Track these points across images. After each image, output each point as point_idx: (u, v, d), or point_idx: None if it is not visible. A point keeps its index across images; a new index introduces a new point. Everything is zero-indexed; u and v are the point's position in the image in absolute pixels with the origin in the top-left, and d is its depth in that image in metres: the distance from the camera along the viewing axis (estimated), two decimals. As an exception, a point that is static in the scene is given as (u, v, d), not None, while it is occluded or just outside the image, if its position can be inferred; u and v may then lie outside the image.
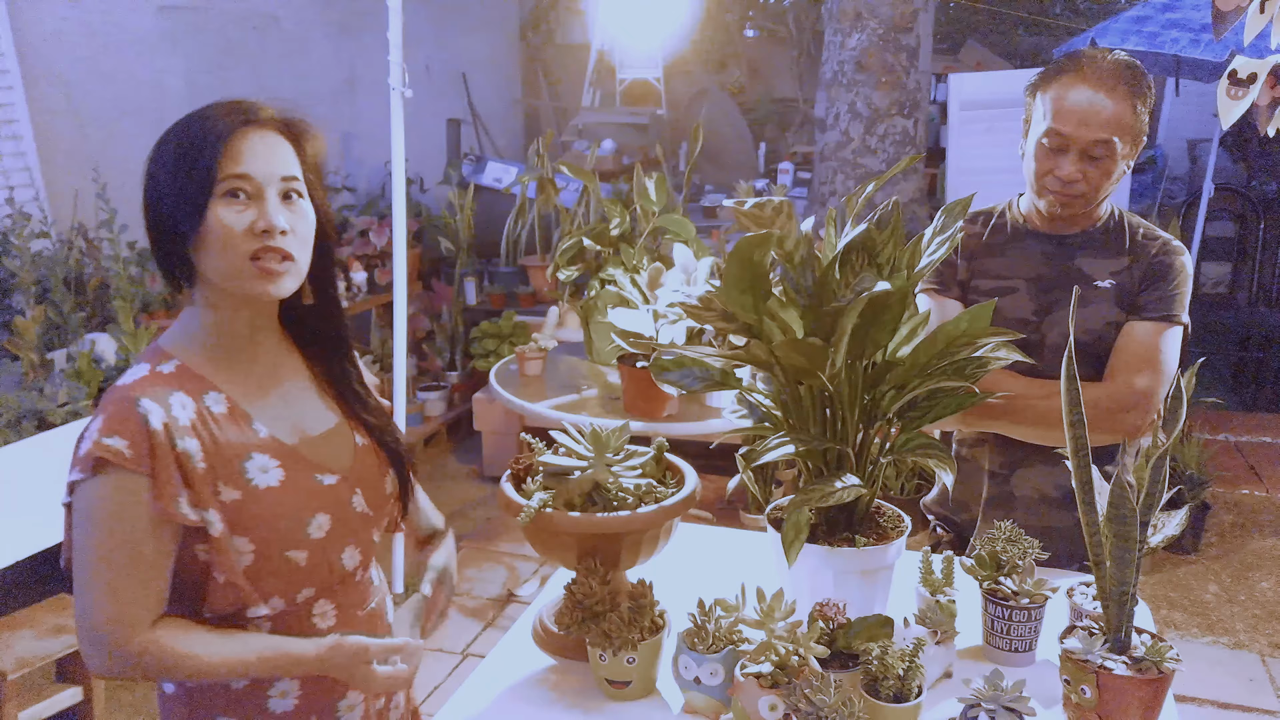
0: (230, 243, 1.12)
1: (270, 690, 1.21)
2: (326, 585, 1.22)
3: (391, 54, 2.87)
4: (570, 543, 1.36)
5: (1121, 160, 1.64)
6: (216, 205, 1.12)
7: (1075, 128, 1.61)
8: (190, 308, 1.20)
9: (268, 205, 1.13)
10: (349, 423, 1.29)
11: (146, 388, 1.12)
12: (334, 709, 1.26)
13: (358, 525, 1.25)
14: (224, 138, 1.12)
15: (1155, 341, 1.67)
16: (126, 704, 2.86)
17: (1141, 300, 1.69)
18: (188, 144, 1.13)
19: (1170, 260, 1.70)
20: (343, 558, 1.23)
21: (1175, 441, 1.18)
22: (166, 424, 1.10)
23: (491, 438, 4.57)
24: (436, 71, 6.42)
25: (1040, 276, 1.74)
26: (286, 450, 1.19)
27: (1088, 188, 1.65)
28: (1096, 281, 1.71)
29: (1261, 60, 1.92)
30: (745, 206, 1.26)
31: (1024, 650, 1.40)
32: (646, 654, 1.31)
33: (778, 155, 7.32)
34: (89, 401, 3.17)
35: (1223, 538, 3.94)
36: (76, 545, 1.11)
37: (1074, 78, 1.63)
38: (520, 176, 5.31)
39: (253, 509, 1.14)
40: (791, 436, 1.34)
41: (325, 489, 1.21)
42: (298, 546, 1.17)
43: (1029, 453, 1.76)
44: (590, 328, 3.02)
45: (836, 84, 4.77)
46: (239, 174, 1.12)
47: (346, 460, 1.25)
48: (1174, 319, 1.68)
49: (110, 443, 1.07)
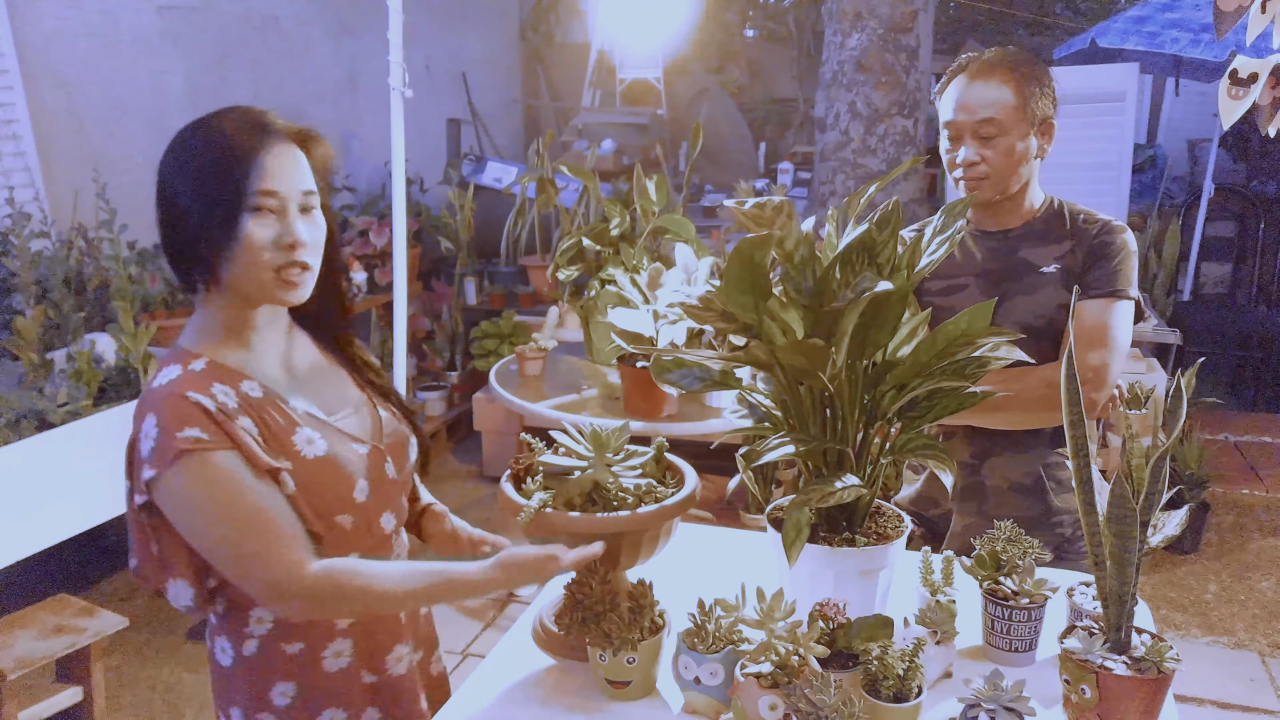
0: (257, 257, 1.18)
1: (324, 651, 1.28)
2: (368, 548, 1.29)
3: (391, 54, 2.87)
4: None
5: (1020, 141, 1.73)
6: (247, 219, 1.16)
7: (962, 115, 1.74)
8: (203, 308, 1.25)
9: (292, 220, 1.19)
10: (368, 397, 1.37)
11: (186, 384, 1.17)
12: (383, 663, 1.34)
13: (391, 491, 1.33)
14: (254, 154, 1.16)
15: (1104, 318, 1.72)
16: (126, 704, 2.86)
17: (1087, 279, 1.75)
18: (215, 159, 1.16)
19: (1111, 239, 1.76)
20: (381, 521, 1.32)
21: (1175, 441, 1.18)
22: (220, 407, 1.16)
23: (491, 438, 4.57)
24: (436, 71, 6.42)
25: (987, 271, 1.82)
26: (323, 424, 1.27)
27: (989, 168, 1.74)
28: (1042, 268, 1.79)
29: (1262, 60, 1.92)
30: (745, 206, 1.26)
31: (1024, 650, 1.40)
32: (646, 654, 1.31)
33: (778, 155, 7.32)
34: (89, 401, 3.17)
35: (1223, 538, 3.94)
36: (193, 531, 1.15)
37: (962, 76, 1.76)
38: (520, 176, 5.32)
39: (306, 477, 1.21)
40: (791, 436, 1.34)
41: (362, 457, 1.28)
42: (345, 510, 1.25)
43: (997, 442, 1.83)
44: (590, 328, 3.02)
45: (836, 84, 4.77)
46: (268, 190, 1.17)
47: (375, 431, 1.34)
48: (1120, 294, 1.74)
49: (185, 434, 1.13)
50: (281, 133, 1.20)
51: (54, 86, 4.12)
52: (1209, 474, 3.81)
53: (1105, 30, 5.13)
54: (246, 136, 1.17)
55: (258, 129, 1.18)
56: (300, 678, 1.28)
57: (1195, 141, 7.50)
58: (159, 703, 2.87)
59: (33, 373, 3.27)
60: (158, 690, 2.93)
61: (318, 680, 1.29)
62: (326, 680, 1.29)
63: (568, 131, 6.91)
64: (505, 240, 5.36)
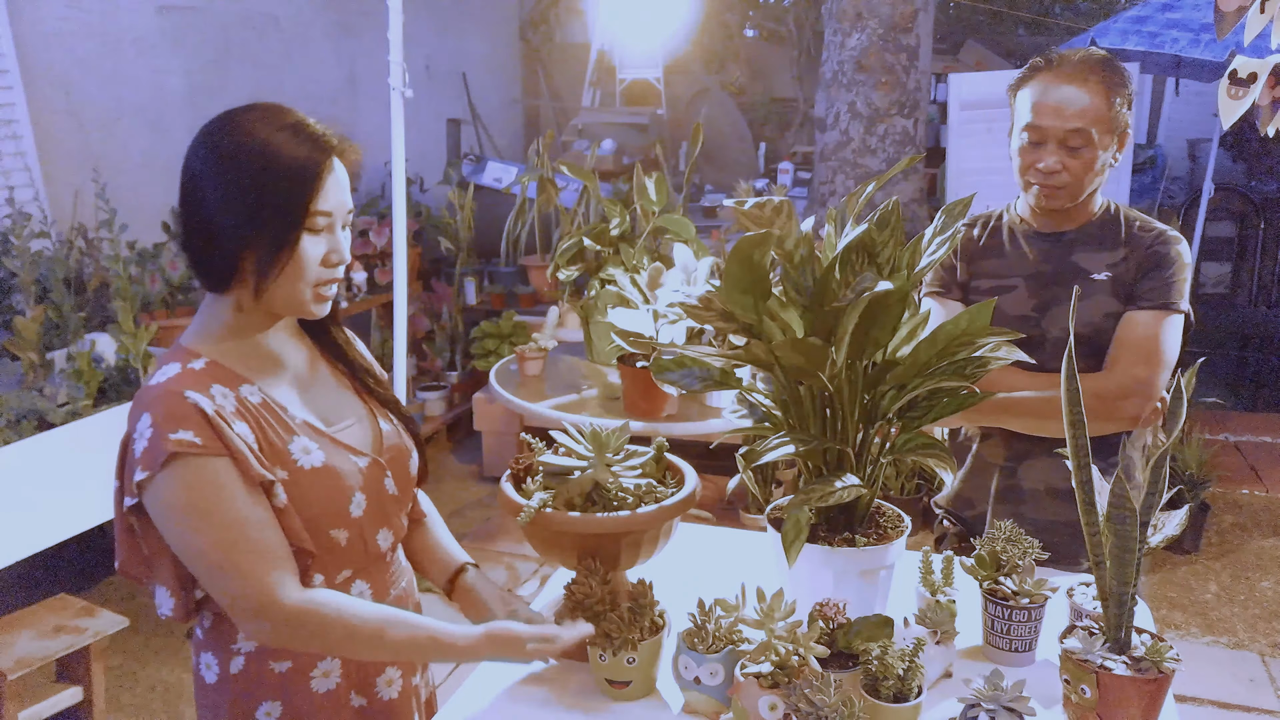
0: (305, 273, 1.17)
1: (313, 671, 1.25)
2: (363, 565, 1.26)
3: (391, 54, 2.87)
4: (570, 543, 1.35)
5: (1102, 151, 1.68)
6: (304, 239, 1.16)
7: (1050, 120, 1.66)
8: (211, 307, 1.22)
9: (339, 238, 1.19)
10: (369, 409, 1.34)
11: (184, 383, 1.14)
12: (373, 685, 1.31)
13: (390, 506, 1.30)
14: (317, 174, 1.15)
15: (1154, 330, 1.67)
16: (127, 704, 2.86)
17: (1139, 290, 1.71)
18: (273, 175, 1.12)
19: (1166, 249, 1.72)
20: (378, 538, 1.28)
21: (1175, 441, 1.18)
22: (218, 410, 1.13)
23: (491, 438, 4.57)
24: (436, 71, 6.42)
25: (1038, 273, 1.76)
26: (322, 434, 1.24)
27: (1070, 178, 1.68)
28: (1093, 275, 1.73)
29: (1262, 60, 1.92)
30: (745, 206, 1.26)
31: (1024, 650, 1.40)
32: (646, 654, 1.31)
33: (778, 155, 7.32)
34: (89, 401, 3.17)
35: (1223, 538, 3.94)
36: (177, 539, 1.12)
37: (1048, 74, 1.69)
38: (520, 176, 5.31)
39: (301, 488, 1.18)
40: (791, 436, 1.34)
41: (360, 470, 1.25)
42: (340, 525, 1.22)
43: (1034, 446, 1.78)
44: (590, 328, 3.02)
45: (836, 84, 4.77)
46: (324, 210, 1.16)
47: (375, 444, 1.30)
48: (1172, 307, 1.69)
49: (178, 437, 1.09)
50: (334, 149, 1.18)
51: (54, 86, 4.12)
52: (1209, 474, 3.81)
53: (1105, 30, 5.13)
54: (307, 153, 1.14)
55: (313, 144, 1.15)
56: (287, 698, 1.24)
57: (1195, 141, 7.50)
58: (159, 703, 2.87)
59: (33, 373, 3.27)
60: (157, 690, 2.93)
61: (305, 701, 1.25)
62: (314, 701, 1.25)
63: (568, 131, 6.91)
64: (505, 240, 5.36)
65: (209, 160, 1.14)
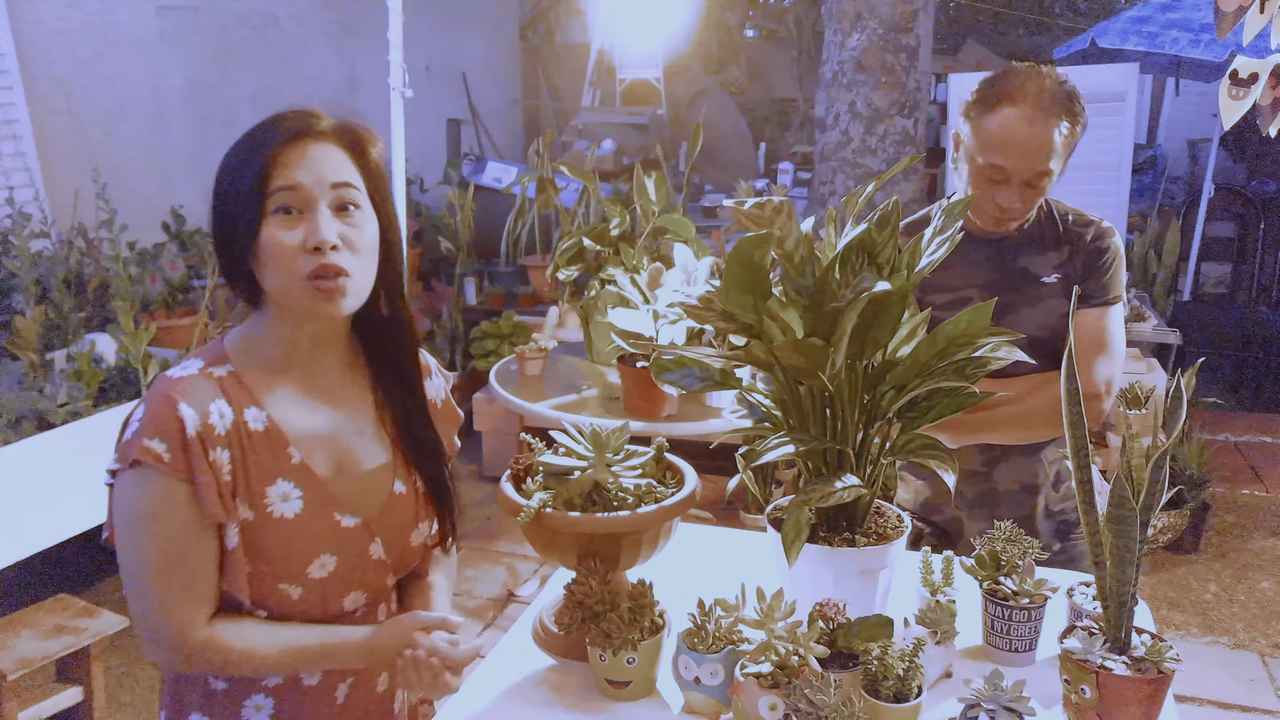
0: (284, 261, 1.09)
1: (245, 701, 1.20)
2: (320, 620, 1.19)
3: (391, 54, 2.87)
4: (570, 543, 1.35)
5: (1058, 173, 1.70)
6: (269, 222, 1.08)
7: (1018, 161, 1.64)
8: (257, 315, 1.17)
9: (318, 219, 1.09)
10: (396, 464, 1.25)
11: (192, 388, 1.10)
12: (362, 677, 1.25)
13: (370, 572, 1.22)
14: (270, 148, 1.08)
15: (1103, 325, 1.76)
16: (126, 704, 2.86)
17: (1086, 289, 1.77)
18: (240, 158, 1.10)
19: (1104, 245, 1.78)
20: (344, 600, 1.20)
21: (1175, 441, 1.18)
22: (201, 431, 1.08)
23: (491, 438, 4.57)
24: (436, 71, 6.43)
25: (989, 282, 1.80)
26: (315, 482, 1.16)
27: (1025, 208, 1.71)
28: (1043, 279, 1.78)
29: (1262, 60, 1.92)
30: (745, 206, 1.26)
31: (1024, 650, 1.40)
32: (646, 654, 1.31)
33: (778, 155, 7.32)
34: (89, 401, 3.17)
35: (1223, 538, 3.94)
36: (121, 538, 1.10)
37: (1012, 109, 1.63)
38: (520, 176, 5.31)
39: (261, 535, 1.12)
40: (791, 436, 1.34)
41: (341, 531, 1.17)
42: (294, 581, 1.15)
43: (1009, 449, 1.83)
44: (590, 328, 3.02)
45: (836, 84, 4.77)
46: (288, 186, 1.08)
47: (375, 506, 1.21)
48: (1114, 299, 1.78)
49: (150, 444, 1.06)
50: (317, 130, 1.11)
51: (54, 86, 4.12)
52: (1209, 474, 3.81)
53: (1105, 30, 5.13)
54: (271, 133, 1.09)
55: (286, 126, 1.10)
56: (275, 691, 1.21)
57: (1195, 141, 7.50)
58: (159, 703, 2.87)
59: (33, 373, 3.27)
60: (157, 690, 2.93)
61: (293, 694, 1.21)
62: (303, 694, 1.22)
63: (568, 131, 6.91)
64: (505, 240, 5.36)
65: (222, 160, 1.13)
